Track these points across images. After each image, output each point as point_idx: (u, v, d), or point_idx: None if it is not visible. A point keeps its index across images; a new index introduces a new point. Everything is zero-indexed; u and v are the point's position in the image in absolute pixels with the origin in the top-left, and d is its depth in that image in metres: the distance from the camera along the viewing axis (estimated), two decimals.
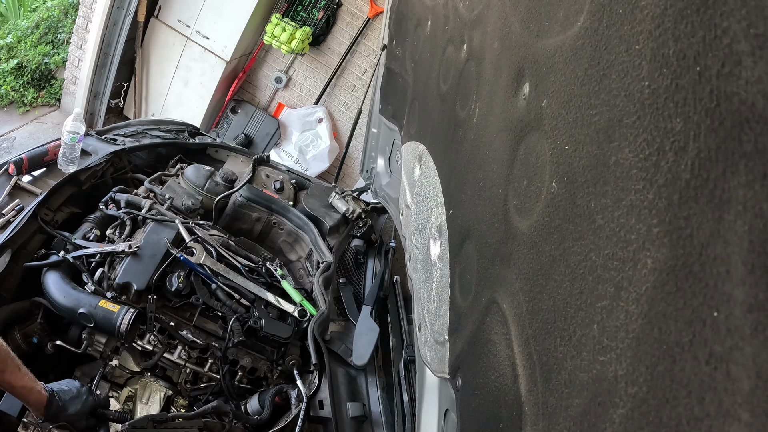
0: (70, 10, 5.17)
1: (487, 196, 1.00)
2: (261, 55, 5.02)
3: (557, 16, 0.77)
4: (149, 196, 2.10)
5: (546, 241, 0.71)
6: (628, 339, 0.51)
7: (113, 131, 2.47)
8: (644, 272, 0.50)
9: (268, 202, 2.37)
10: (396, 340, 2.02)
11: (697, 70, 0.46)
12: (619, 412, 0.50)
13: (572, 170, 0.66)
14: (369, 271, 2.45)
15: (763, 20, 0.40)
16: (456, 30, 1.39)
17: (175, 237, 1.81)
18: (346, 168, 4.95)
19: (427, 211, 1.52)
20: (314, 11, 4.53)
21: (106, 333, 1.51)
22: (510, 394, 0.76)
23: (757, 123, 0.39)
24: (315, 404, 1.62)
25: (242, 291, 1.81)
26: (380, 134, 2.67)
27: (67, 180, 1.93)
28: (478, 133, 1.12)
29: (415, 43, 1.95)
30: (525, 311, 0.75)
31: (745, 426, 0.37)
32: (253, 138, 4.97)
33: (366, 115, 2.97)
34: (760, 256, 0.38)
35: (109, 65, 4.45)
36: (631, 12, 0.58)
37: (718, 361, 0.40)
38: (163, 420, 1.39)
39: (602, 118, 0.61)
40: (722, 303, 0.40)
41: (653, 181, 0.50)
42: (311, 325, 1.78)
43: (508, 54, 0.97)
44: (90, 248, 1.68)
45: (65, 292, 1.51)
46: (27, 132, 4.55)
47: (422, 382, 1.40)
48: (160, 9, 4.48)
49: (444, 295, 1.23)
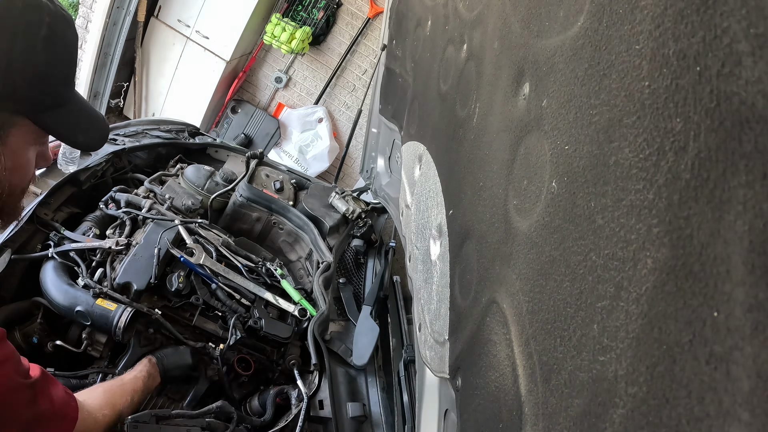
0: (70, 10, 5.18)
1: (487, 196, 1.00)
2: (261, 55, 5.02)
3: (557, 16, 0.77)
4: (149, 196, 2.10)
5: (546, 241, 0.71)
6: (628, 339, 0.51)
7: (113, 131, 2.47)
8: (644, 272, 0.50)
9: (268, 202, 2.37)
10: (396, 340, 2.02)
11: (697, 70, 0.46)
12: (619, 412, 0.50)
13: (572, 170, 0.66)
14: (369, 271, 2.45)
15: (763, 20, 0.40)
16: (456, 30, 1.39)
17: (175, 237, 1.81)
18: (346, 168, 4.95)
19: (427, 211, 1.52)
20: (314, 11, 4.53)
21: (103, 332, 1.51)
22: (510, 394, 0.77)
23: (757, 123, 0.39)
24: (315, 404, 1.62)
25: (242, 291, 1.82)
26: (380, 134, 2.67)
27: (67, 180, 1.93)
28: (478, 133, 1.12)
29: (415, 43, 1.95)
30: (525, 311, 0.75)
31: (745, 426, 0.37)
32: (253, 138, 4.97)
33: (366, 115, 2.97)
34: (760, 256, 0.38)
35: (109, 65, 4.45)
36: (631, 12, 0.58)
37: (718, 361, 0.40)
38: (166, 416, 1.40)
39: (602, 118, 0.61)
40: (722, 303, 0.40)
41: (653, 181, 0.50)
42: (311, 325, 1.78)
43: (508, 54, 0.97)
44: (77, 243, 1.67)
45: (62, 289, 1.51)
46: None
47: (422, 382, 1.40)
48: (160, 9, 4.48)
49: (444, 295, 1.23)
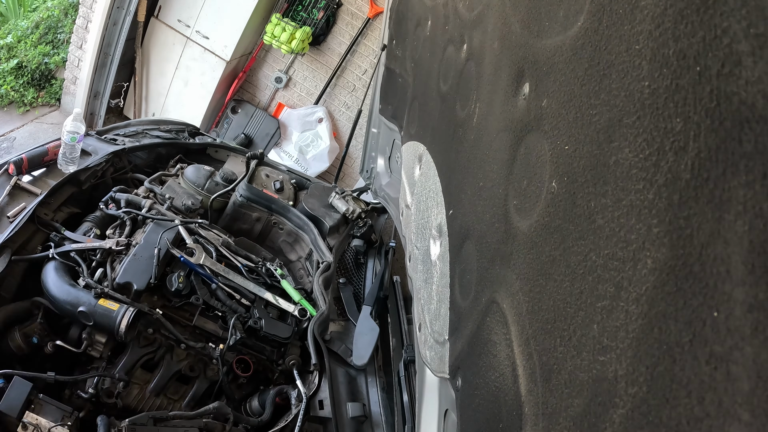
0: (70, 10, 5.17)
1: (487, 196, 1.00)
2: (261, 55, 5.02)
3: (557, 16, 0.77)
4: (149, 196, 2.10)
5: (546, 241, 0.71)
6: (628, 339, 0.51)
7: (113, 131, 2.47)
8: (644, 272, 0.50)
9: (268, 202, 2.37)
10: (396, 340, 2.02)
11: (697, 70, 0.46)
12: (619, 412, 0.50)
13: (572, 170, 0.66)
14: (369, 271, 2.45)
15: (763, 20, 0.40)
16: (456, 30, 1.39)
17: (175, 237, 1.81)
18: (346, 168, 4.95)
19: (427, 211, 1.52)
20: (314, 11, 4.53)
21: (105, 332, 1.51)
22: (510, 394, 0.76)
23: (757, 123, 0.39)
24: (315, 404, 1.62)
25: (242, 291, 1.82)
26: (380, 134, 2.67)
27: (67, 180, 1.93)
28: (478, 133, 1.12)
29: (415, 43, 1.95)
30: (525, 311, 0.75)
31: (745, 426, 0.37)
32: (253, 138, 4.97)
33: (366, 115, 2.97)
34: (760, 256, 0.38)
35: (109, 65, 4.45)
36: (631, 12, 0.58)
37: (718, 361, 0.40)
38: (163, 418, 1.40)
39: (602, 118, 0.61)
40: (722, 303, 0.40)
41: (653, 181, 0.50)
42: (311, 325, 1.78)
43: (508, 54, 0.97)
44: (78, 243, 1.67)
45: (65, 290, 1.51)
46: (27, 132, 4.55)
47: (422, 382, 1.40)
48: (160, 9, 4.48)
49: (444, 295, 1.23)
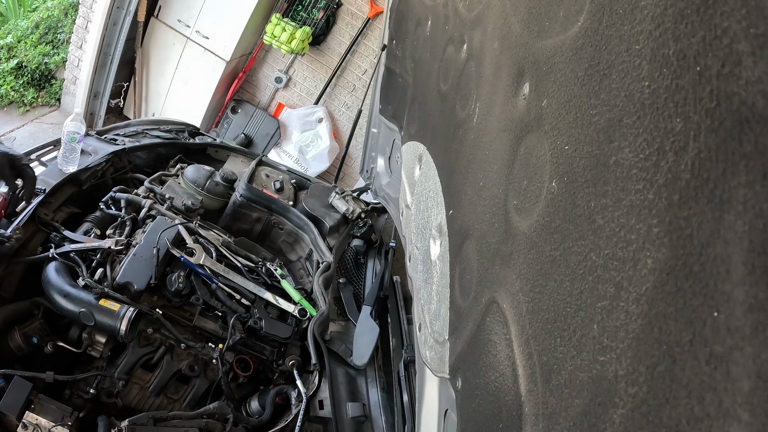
0: (70, 10, 5.18)
1: (487, 196, 1.00)
2: (261, 55, 5.02)
3: (557, 16, 0.77)
4: (149, 196, 2.10)
5: (546, 241, 0.71)
6: (628, 339, 0.51)
7: (113, 131, 2.47)
8: (644, 272, 0.50)
9: (268, 202, 2.37)
10: (396, 340, 2.02)
11: (697, 70, 0.46)
12: (619, 412, 0.50)
13: (572, 170, 0.66)
14: (369, 271, 2.45)
15: (763, 20, 0.40)
16: (456, 30, 1.39)
17: (175, 237, 1.81)
18: (346, 168, 4.95)
19: (427, 211, 1.52)
20: (314, 11, 4.53)
21: (105, 332, 1.51)
22: (510, 394, 0.76)
23: (757, 123, 0.39)
24: (315, 404, 1.62)
25: (242, 291, 1.82)
26: (380, 134, 2.67)
27: (67, 180, 1.93)
28: (478, 133, 1.12)
29: (415, 43, 1.95)
30: (525, 311, 0.75)
31: (745, 426, 0.37)
32: (253, 138, 4.97)
33: (366, 115, 2.97)
34: (760, 256, 0.38)
35: (109, 65, 4.45)
36: (631, 12, 0.58)
37: (718, 361, 0.40)
38: (163, 418, 1.40)
39: (602, 118, 0.61)
40: (722, 303, 0.40)
41: (653, 181, 0.50)
42: (311, 325, 1.78)
43: (508, 54, 0.97)
44: (77, 244, 1.67)
45: (66, 291, 1.51)
46: (27, 132, 4.55)
47: (422, 382, 1.40)
48: (160, 9, 4.48)
49: (444, 295, 1.23)
